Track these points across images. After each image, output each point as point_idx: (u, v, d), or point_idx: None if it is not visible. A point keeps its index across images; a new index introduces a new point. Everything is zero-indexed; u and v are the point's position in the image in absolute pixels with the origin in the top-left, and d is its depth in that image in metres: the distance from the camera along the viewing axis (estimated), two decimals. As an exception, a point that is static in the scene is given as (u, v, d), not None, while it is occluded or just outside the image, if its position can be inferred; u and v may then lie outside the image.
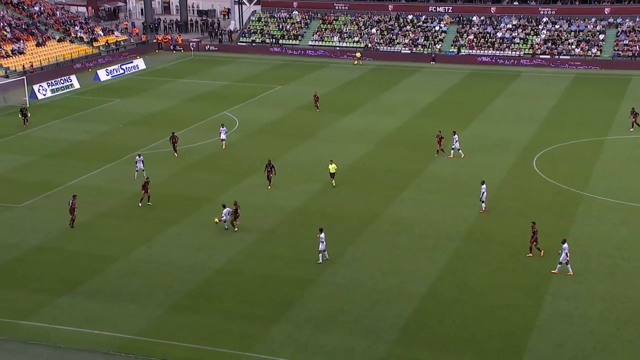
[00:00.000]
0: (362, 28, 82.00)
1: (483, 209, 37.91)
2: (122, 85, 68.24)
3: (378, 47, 79.18)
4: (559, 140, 49.84)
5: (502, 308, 29.00)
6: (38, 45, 73.26)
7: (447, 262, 32.76)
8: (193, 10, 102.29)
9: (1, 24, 74.13)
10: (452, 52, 76.83)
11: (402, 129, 53.30)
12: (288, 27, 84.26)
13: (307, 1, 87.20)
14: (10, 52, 69.76)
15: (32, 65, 69.17)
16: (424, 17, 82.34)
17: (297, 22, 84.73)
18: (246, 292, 30.48)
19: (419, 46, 78.53)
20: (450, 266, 32.44)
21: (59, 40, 76.01)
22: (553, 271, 31.51)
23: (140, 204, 39.20)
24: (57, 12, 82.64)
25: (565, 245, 31.20)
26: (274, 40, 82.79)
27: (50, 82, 65.24)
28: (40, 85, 63.91)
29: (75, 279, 31.51)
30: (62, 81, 66.08)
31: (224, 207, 36.17)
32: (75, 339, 27.20)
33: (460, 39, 78.13)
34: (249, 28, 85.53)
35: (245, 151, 48.37)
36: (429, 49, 77.82)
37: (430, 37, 79.27)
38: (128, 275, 31.97)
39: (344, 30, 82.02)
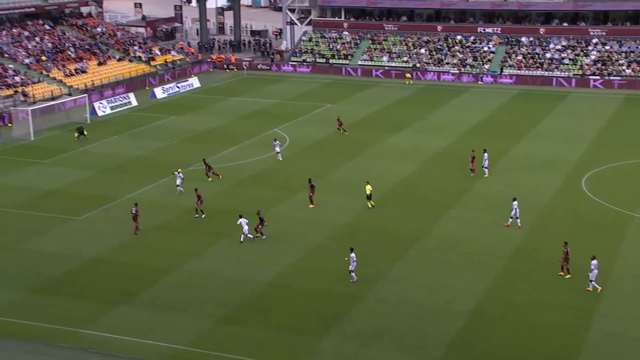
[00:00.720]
0: (411, 48, 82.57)
1: (518, 224, 38.11)
2: (177, 102, 70.06)
3: (427, 67, 79.62)
4: (609, 160, 49.37)
5: (549, 327, 28.96)
6: (99, 64, 76.05)
7: (493, 280, 32.89)
8: (246, 30, 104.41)
9: (66, 45, 77.33)
10: (495, 72, 76.70)
11: (450, 147, 53.50)
12: (338, 47, 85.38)
13: (357, 22, 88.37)
14: (73, 71, 72.61)
15: (93, 84, 71.78)
16: (472, 37, 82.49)
17: (347, 42, 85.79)
18: (294, 306, 31.11)
19: (467, 66, 78.66)
20: (496, 284, 32.56)
21: (119, 60, 78.70)
22: (598, 290, 31.40)
23: (197, 216, 40.61)
24: (118, 33, 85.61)
25: (595, 261, 31.26)
26: (325, 59, 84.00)
27: (109, 99, 67.72)
28: (100, 103, 66.30)
29: (131, 290, 32.56)
30: (120, 99, 68.46)
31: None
32: (130, 348, 28.13)
33: (508, 59, 77.99)
34: (300, 48, 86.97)
35: (296, 168, 49.23)
36: (477, 69, 77.88)
37: (479, 58, 79.33)
38: (180, 287, 32.90)
39: (394, 50, 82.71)
